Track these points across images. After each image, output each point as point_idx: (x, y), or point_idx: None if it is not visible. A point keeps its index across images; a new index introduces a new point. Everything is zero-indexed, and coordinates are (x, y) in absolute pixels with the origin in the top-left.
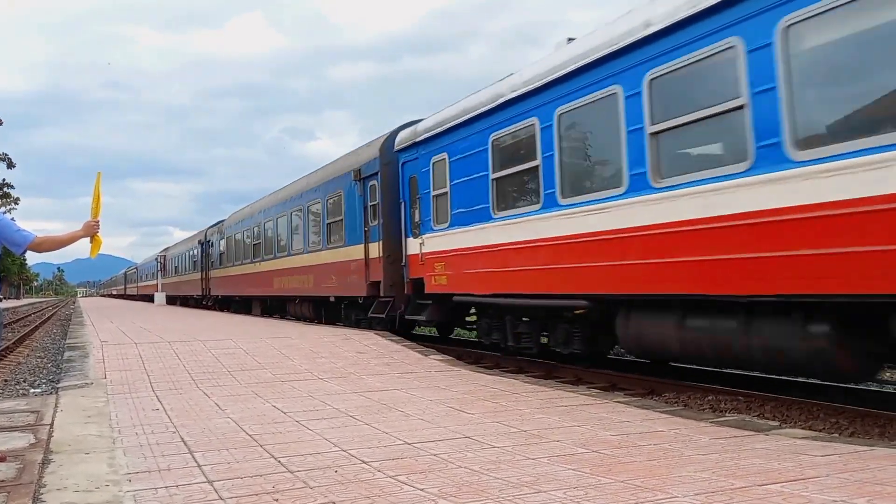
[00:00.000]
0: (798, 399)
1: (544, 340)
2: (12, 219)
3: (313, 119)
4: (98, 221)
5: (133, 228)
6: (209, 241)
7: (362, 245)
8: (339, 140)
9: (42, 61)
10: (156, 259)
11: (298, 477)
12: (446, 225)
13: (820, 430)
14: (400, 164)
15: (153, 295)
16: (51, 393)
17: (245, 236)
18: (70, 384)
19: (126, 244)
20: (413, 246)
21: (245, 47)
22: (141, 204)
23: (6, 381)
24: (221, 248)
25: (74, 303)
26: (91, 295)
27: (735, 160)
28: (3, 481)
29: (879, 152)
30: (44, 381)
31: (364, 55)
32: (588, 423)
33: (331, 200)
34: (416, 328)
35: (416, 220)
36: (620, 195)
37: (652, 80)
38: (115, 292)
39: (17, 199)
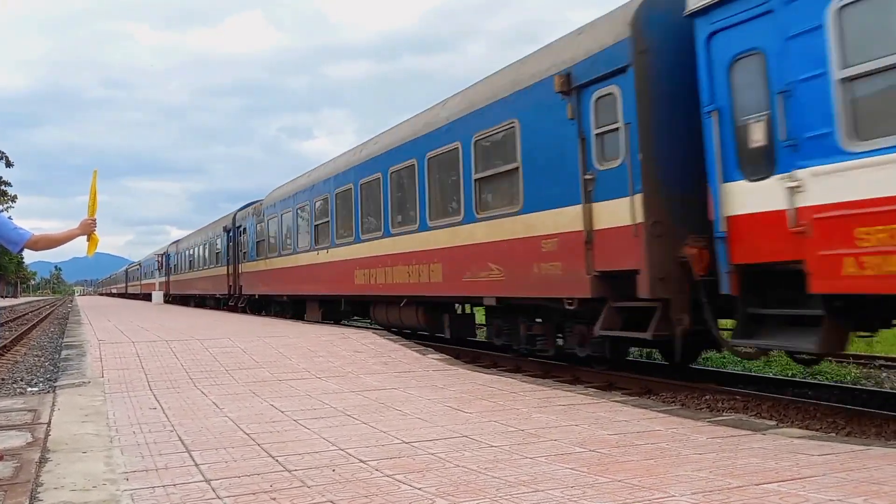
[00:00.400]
0: (795, 399)
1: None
2: (9, 217)
3: (312, 118)
4: (95, 220)
5: (130, 227)
6: (240, 227)
7: (578, 207)
8: (337, 139)
9: (40, 59)
10: (156, 256)
11: (296, 476)
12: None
13: (817, 430)
14: (705, 38)
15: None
16: (48, 391)
17: (300, 216)
18: (67, 383)
19: (123, 243)
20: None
21: (243, 45)
22: (138, 202)
23: (3, 379)
24: (262, 235)
25: (72, 301)
26: (88, 293)
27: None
28: (0, 480)
29: None
30: (41, 379)
31: (363, 54)
32: (585, 422)
33: (486, 139)
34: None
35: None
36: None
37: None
38: (114, 291)
39: (15, 196)
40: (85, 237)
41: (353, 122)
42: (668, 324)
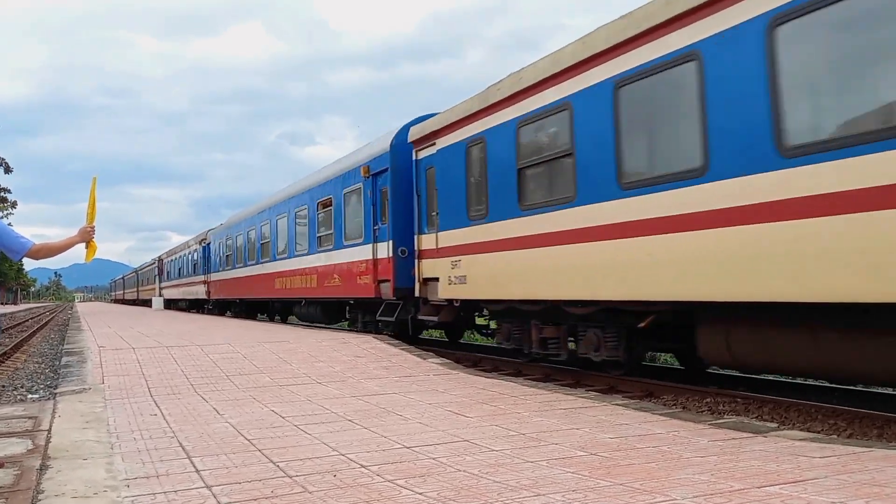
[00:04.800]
0: (796, 401)
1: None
2: (9, 224)
3: (312, 124)
4: (93, 227)
5: (131, 233)
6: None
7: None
8: (338, 145)
9: (41, 66)
10: (157, 260)
11: (297, 482)
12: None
13: (818, 432)
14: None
15: (179, 300)
16: (48, 398)
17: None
18: (68, 389)
19: (123, 249)
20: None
21: (243, 53)
22: (138, 209)
23: (4, 386)
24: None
25: (72, 308)
26: (89, 299)
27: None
28: (0, 488)
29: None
30: (41, 386)
31: (362, 61)
32: (587, 425)
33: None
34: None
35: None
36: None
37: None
38: (127, 297)
39: (15, 203)
40: (84, 244)
41: (354, 128)
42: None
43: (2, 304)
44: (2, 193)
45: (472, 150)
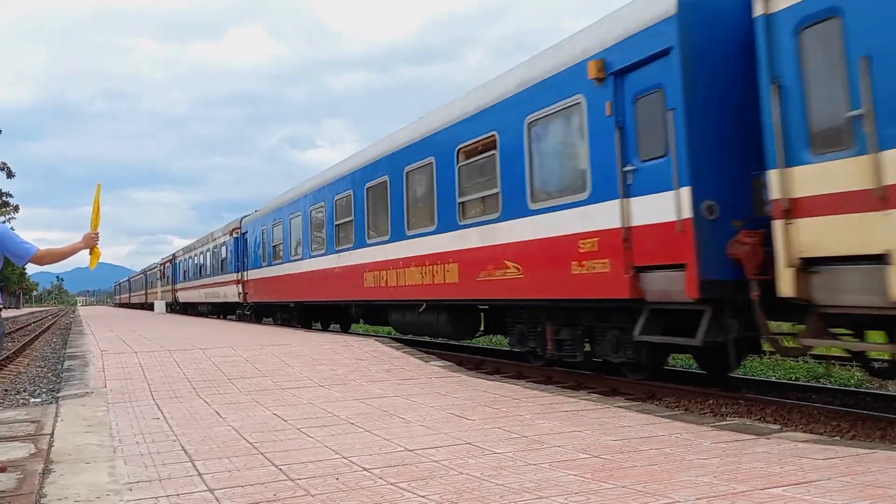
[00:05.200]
0: (799, 402)
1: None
2: (12, 228)
3: (312, 127)
4: (98, 233)
5: (132, 237)
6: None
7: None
8: (339, 148)
9: (42, 71)
10: (164, 261)
11: (299, 485)
12: None
13: (821, 434)
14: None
15: (194, 305)
16: (51, 402)
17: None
18: (70, 393)
19: (125, 253)
20: None
21: (243, 57)
22: (140, 212)
23: (6, 390)
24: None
25: (74, 312)
26: (91, 304)
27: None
28: (3, 492)
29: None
30: (44, 390)
31: (362, 64)
32: (589, 428)
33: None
34: None
35: None
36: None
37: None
38: (134, 300)
39: (17, 207)
40: (87, 250)
41: (354, 131)
42: None
43: (5, 307)
44: (3, 198)
45: None
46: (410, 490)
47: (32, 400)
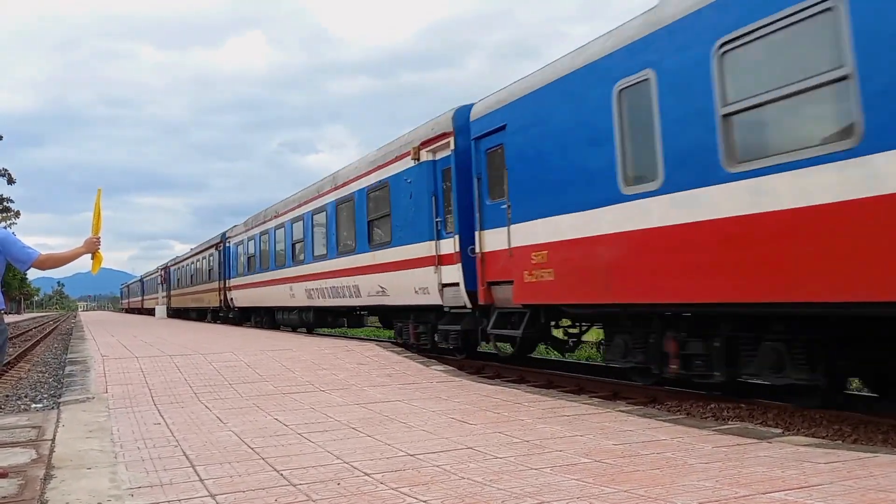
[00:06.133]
0: (800, 406)
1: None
2: (13, 233)
3: (313, 132)
4: (99, 238)
5: (133, 242)
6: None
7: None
8: (339, 153)
9: (44, 78)
10: (160, 270)
11: (301, 490)
12: None
13: (823, 438)
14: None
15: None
16: (52, 408)
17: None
18: (71, 399)
19: (126, 258)
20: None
21: (244, 63)
22: (141, 218)
23: (7, 396)
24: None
25: (75, 317)
26: (92, 309)
27: None
28: (4, 498)
29: None
30: (45, 395)
31: (362, 70)
32: (590, 432)
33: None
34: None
35: None
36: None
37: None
38: (147, 304)
39: (18, 212)
40: (89, 255)
41: (354, 136)
42: None
43: (5, 313)
44: (5, 203)
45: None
46: (412, 495)
47: (34, 405)
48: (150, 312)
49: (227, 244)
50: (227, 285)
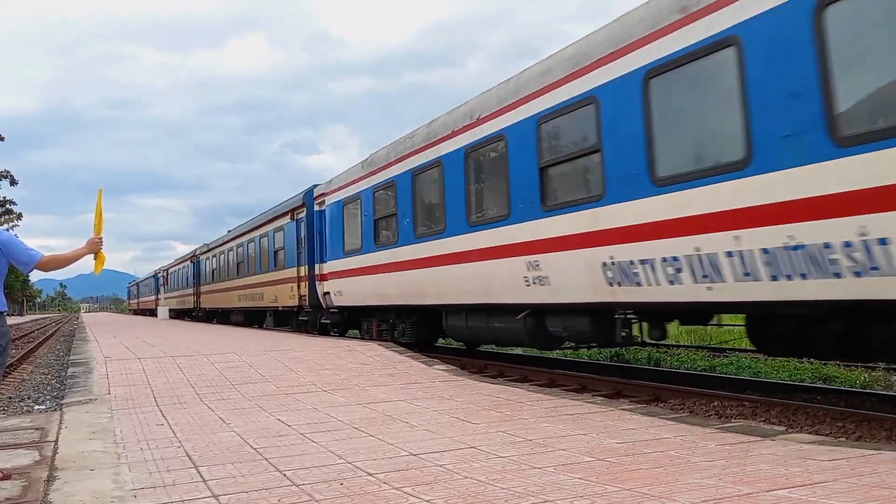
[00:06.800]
0: (803, 403)
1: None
2: (15, 235)
3: (315, 133)
4: (101, 238)
5: (135, 243)
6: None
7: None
8: (341, 153)
9: (46, 81)
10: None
11: (304, 490)
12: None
13: (826, 435)
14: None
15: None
16: (55, 409)
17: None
18: (74, 400)
19: (128, 259)
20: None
21: (246, 64)
22: (143, 219)
23: (10, 398)
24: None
25: (78, 318)
26: (95, 310)
27: None
28: (8, 499)
29: None
30: (48, 397)
31: (363, 70)
32: (593, 431)
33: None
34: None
35: None
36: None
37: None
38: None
39: (20, 214)
40: (92, 256)
41: (356, 136)
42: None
43: (8, 315)
44: (7, 205)
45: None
46: (415, 495)
47: (36, 407)
48: (177, 316)
49: (321, 208)
50: (316, 272)
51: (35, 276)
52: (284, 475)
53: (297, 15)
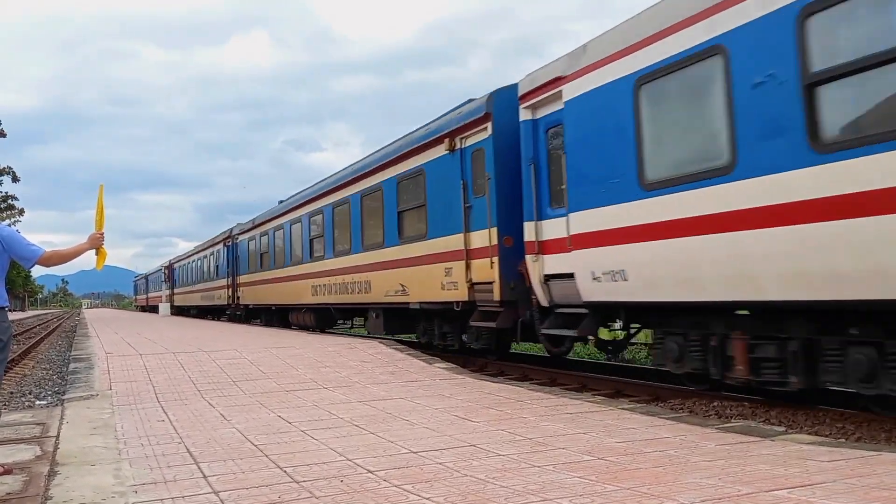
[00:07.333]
0: (803, 404)
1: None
2: (17, 231)
3: (317, 130)
4: (102, 233)
5: (137, 240)
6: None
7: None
8: (343, 151)
9: (49, 78)
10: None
11: (304, 487)
12: None
13: (826, 436)
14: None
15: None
16: (56, 405)
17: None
18: (75, 396)
19: (130, 255)
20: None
21: (247, 62)
22: (145, 215)
23: (12, 393)
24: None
25: (79, 314)
26: (96, 306)
27: None
28: (9, 494)
29: None
30: (49, 393)
31: (365, 68)
32: (593, 430)
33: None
34: None
35: None
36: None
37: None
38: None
39: (22, 210)
40: (93, 251)
41: (358, 133)
42: None
43: (10, 310)
44: (9, 201)
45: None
46: (415, 492)
47: (38, 402)
48: (212, 313)
49: (538, 115)
50: (530, 239)
51: (37, 271)
52: (285, 472)
53: (300, 13)
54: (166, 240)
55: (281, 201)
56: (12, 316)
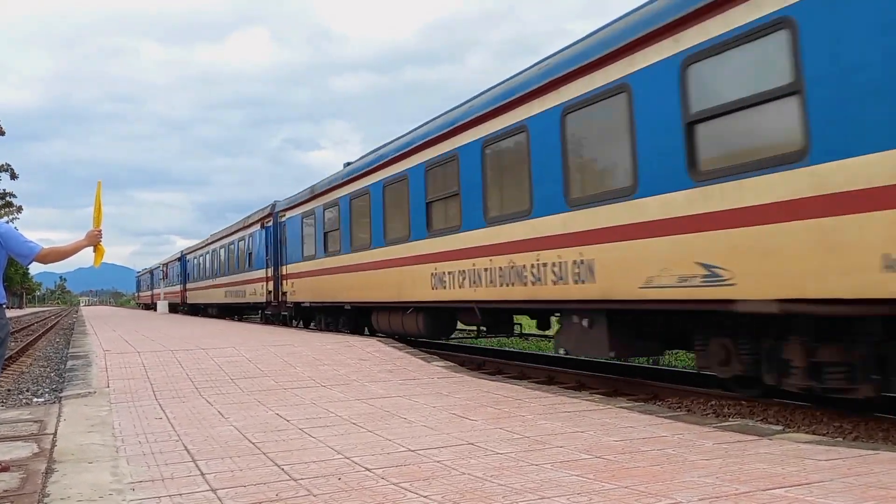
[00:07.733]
0: (801, 403)
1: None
2: (15, 228)
3: (316, 129)
4: (100, 230)
5: (136, 237)
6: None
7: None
8: (342, 149)
9: (47, 75)
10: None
11: (302, 485)
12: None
13: (824, 435)
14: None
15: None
16: (54, 402)
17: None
18: (73, 393)
19: (128, 253)
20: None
21: (247, 59)
22: (144, 213)
23: (9, 390)
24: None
25: (77, 312)
26: (94, 304)
27: None
28: (6, 491)
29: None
30: (47, 390)
31: (365, 66)
32: (591, 428)
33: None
34: None
35: None
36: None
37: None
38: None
39: (20, 207)
40: (91, 248)
41: (357, 132)
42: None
43: (8, 307)
44: (7, 198)
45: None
46: (413, 490)
47: (35, 399)
48: (240, 312)
49: None
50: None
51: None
52: (283, 469)
53: (300, 11)
54: (165, 238)
55: (347, 163)
56: (10, 313)
